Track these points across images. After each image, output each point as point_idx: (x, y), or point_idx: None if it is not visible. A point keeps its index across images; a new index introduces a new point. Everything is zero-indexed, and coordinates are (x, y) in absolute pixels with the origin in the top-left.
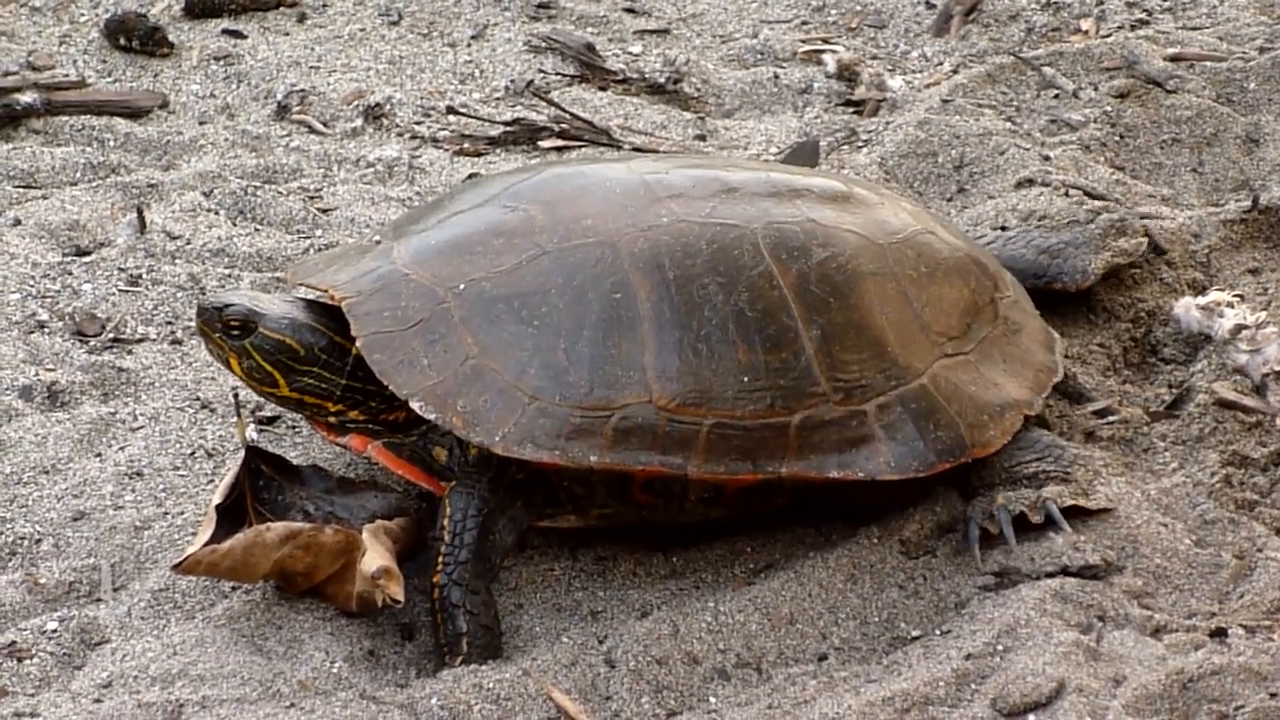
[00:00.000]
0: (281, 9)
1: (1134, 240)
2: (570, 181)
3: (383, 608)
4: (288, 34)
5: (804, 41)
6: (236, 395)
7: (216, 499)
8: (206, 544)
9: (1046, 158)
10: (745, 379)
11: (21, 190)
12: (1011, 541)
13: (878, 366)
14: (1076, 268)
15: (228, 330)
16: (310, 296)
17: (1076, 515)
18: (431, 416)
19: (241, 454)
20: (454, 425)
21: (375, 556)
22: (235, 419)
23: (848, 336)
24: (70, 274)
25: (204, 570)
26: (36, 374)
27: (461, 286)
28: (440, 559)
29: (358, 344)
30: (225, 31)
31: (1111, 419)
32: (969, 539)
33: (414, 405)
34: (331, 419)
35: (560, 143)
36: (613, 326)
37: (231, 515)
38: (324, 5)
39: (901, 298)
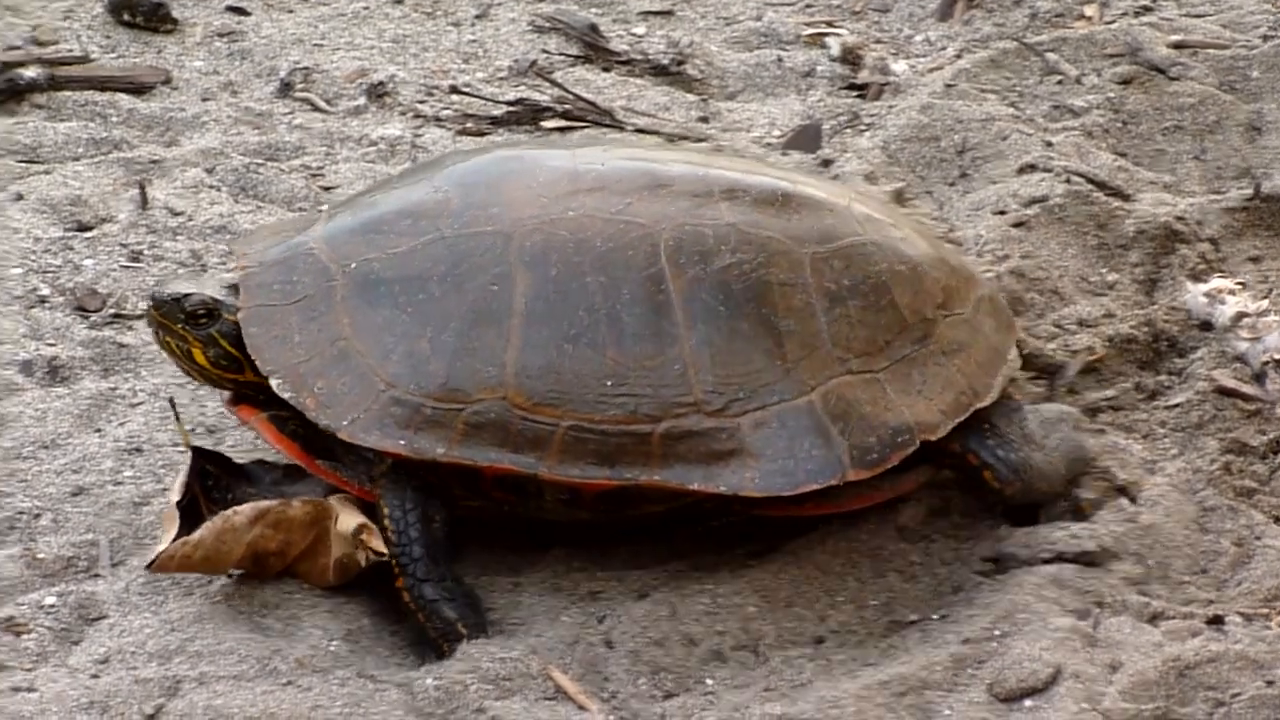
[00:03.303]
0: None
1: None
2: (503, 166)
3: (366, 566)
4: (292, 11)
5: (808, 24)
6: (173, 401)
7: (175, 497)
8: (175, 540)
9: (1049, 144)
10: (609, 383)
11: (24, 165)
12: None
13: (762, 380)
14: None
15: (193, 320)
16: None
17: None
18: (287, 395)
19: (189, 456)
20: (306, 406)
21: (350, 516)
22: (175, 423)
23: (734, 347)
24: (72, 249)
25: (178, 566)
26: (37, 349)
27: (353, 265)
28: (396, 564)
29: (239, 315)
30: (229, 8)
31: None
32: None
33: (273, 383)
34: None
35: (563, 123)
36: (481, 318)
37: (188, 516)
38: None
39: (807, 310)
